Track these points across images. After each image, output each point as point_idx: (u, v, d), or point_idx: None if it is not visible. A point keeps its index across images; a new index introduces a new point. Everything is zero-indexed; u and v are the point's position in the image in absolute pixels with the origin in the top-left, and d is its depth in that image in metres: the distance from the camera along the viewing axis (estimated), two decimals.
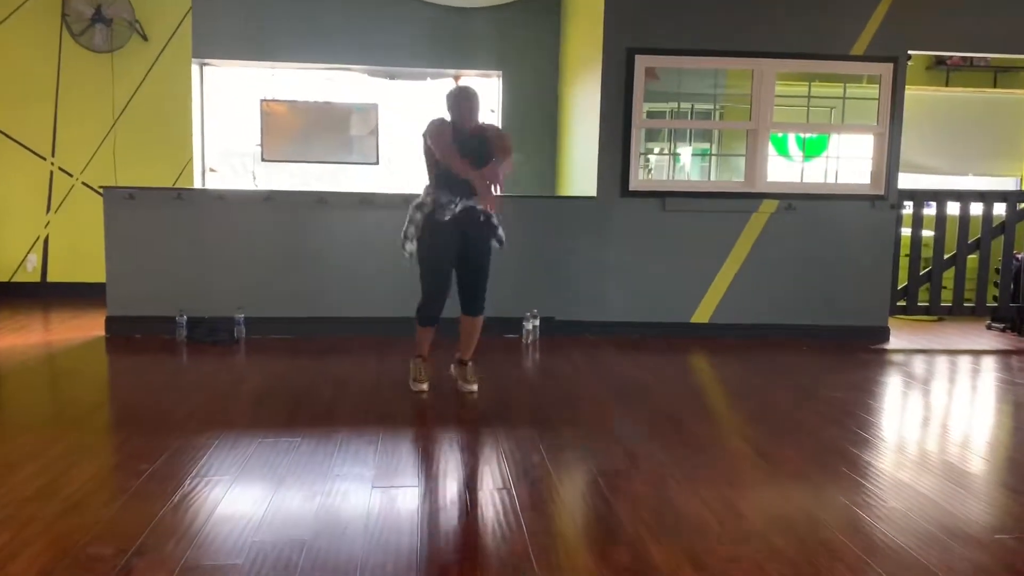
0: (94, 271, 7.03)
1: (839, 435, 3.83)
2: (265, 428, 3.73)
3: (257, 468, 3.20)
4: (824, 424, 4.01)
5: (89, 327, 5.96)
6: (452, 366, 4.49)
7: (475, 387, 4.35)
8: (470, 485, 3.13)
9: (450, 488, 3.09)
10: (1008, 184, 6.46)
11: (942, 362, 5.67)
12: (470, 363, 4.42)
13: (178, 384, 4.64)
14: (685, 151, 7.60)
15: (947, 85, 7.94)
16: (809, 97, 6.25)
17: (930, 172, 8.30)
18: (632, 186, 5.94)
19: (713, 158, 7.13)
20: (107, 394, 4.59)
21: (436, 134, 4.06)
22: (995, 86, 7.95)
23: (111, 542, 2.52)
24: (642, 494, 3.02)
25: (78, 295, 7.07)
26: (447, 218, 4.07)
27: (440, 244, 4.13)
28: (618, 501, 2.95)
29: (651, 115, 6.70)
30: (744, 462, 3.46)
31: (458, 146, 4.04)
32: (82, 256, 7.16)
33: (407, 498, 2.94)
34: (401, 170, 7.82)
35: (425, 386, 4.35)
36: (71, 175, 7.26)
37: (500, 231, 4.25)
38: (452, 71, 7.63)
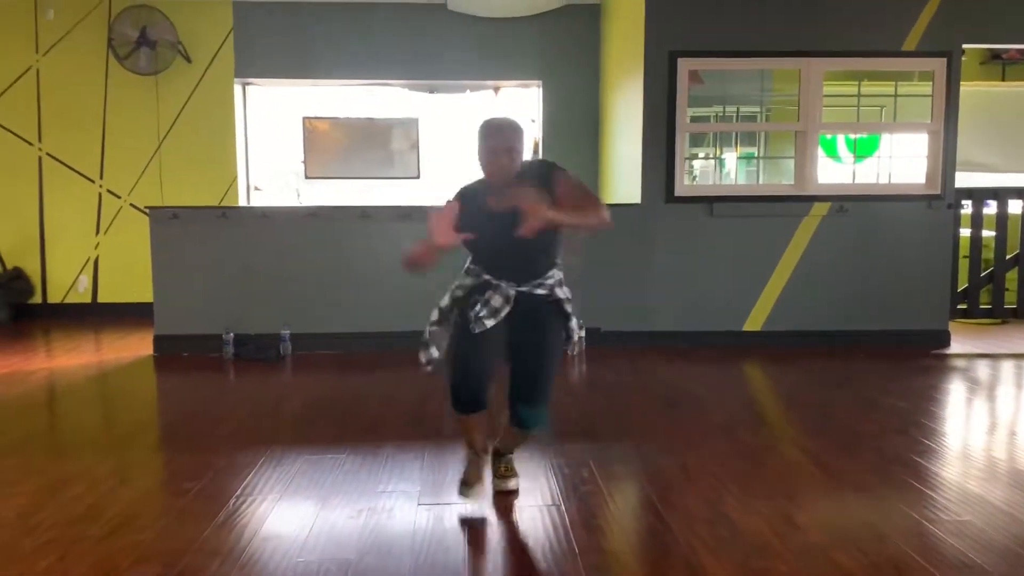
0: (142, 291, 7.14)
1: (902, 445, 3.66)
2: (311, 445, 3.69)
3: (303, 486, 3.16)
4: (885, 433, 3.85)
5: (138, 347, 6.01)
6: (491, 458, 3.21)
7: (515, 484, 3.08)
8: (519, 501, 3.03)
9: (499, 504, 3.01)
10: None
11: (1007, 366, 5.44)
12: (510, 456, 3.17)
13: (225, 402, 4.63)
14: (730, 156, 7.45)
15: (1003, 79, 7.68)
16: (859, 96, 6.06)
17: (988, 170, 8.03)
18: (678, 191, 5.82)
19: (760, 162, 6.97)
20: (155, 413, 4.60)
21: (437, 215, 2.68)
22: None
23: (156, 562, 2.49)
24: (696, 508, 2.91)
25: (127, 315, 7.17)
26: (489, 314, 2.85)
27: (468, 330, 2.88)
28: (672, 516, 2.84)
29: (695, 120, 6.58)
30: (802, 474, 3.32)
31: (483, 216, 2.79)
32: (131, 276, 7.25)
33: (453, 515, 2.86)
34: (441, 183, 7.79)
35: (475, 491, 2.97)
36: (119, 197, 7.36)
37: (573, 321, 2.97)
38: (492, 82, 7.59)
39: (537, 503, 2.99)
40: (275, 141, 7.82)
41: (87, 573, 2.42)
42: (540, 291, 2.89)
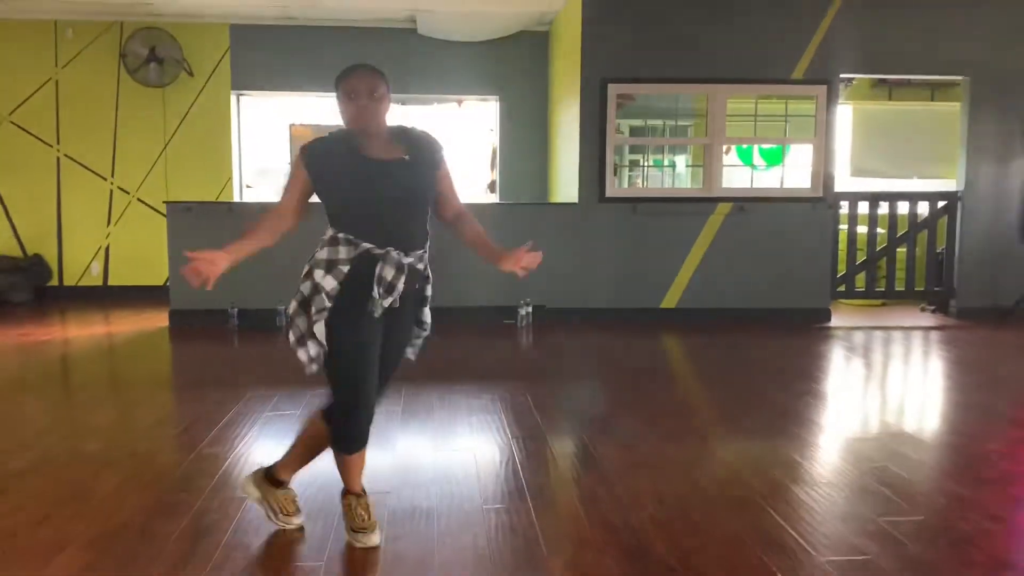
0: (149, 275, 8.25)
1: (786, 396, 4.92)
2: (314, 385, 4.83)
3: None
4: (771, 386, 5.11)
5: (152, 321, 7.09)
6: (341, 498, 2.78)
7: (376, 538, 2.67)
8: (474, 417, 4.22)
9: (458, 434, 4.19)
10: (948, 185, 7.47)
11: (875, 335, 6.73)
12: (364, 497, 2.74)
13: (237, 359, 5.77)
14: (657, 163, 8.71)
15: (890, 99, 9.03)
16: (756, 115, 7.34)
17: (880, 176, 9.38)
18: (608, 194, 7.05)
19: (688, 169, 8.22)
20: (182, 365, 5.73)
21: (291, 175, 2.68)
22: (932, 100, 9.03)
23: (217, 447, 3.65)
24: (608, 434, 4.13)
25: (134, 296, 8.22)
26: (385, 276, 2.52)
27: (360, 323, 2.55)
28: (587, 434, 4.06)
29: (634, 130, 7.84)
30: (700, 415, 4.56)
31: (352, 171, 2.57)
32: (138, 261, 8.32)
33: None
34: None
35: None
36: (128, 192, 8.42)
37: (427, 311, 2.75)
38: (455, 96, 8.78)
39: (487, 423, 4.19)
40: (265, 144, 8.92)
41: (172, 456, 3.58)
42: (420, 265, 2.64)
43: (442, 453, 2.88)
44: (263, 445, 3.73)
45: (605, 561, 2.60)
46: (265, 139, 8.92)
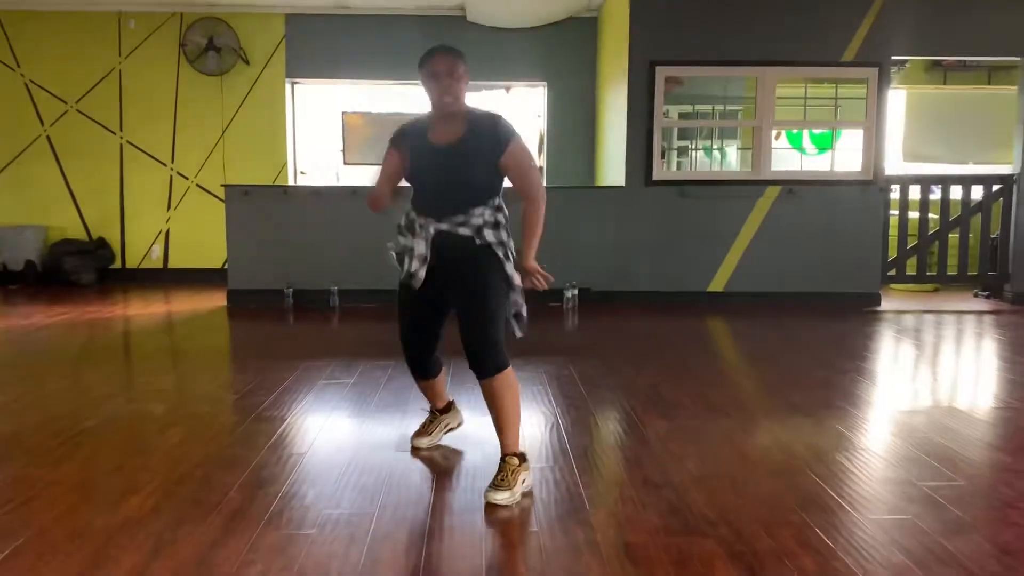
0: (207, 258, 8.51)
1: (828, 373, 4.94)
2: (367, 358, 4.99)
3: (368, 378, 4.47)
4: (814, 366, 5.12)
5: (209, 301, 7.33)
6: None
7: (502, 496, 2.74)
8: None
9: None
10: (1003, 171, 7.33)
11: (927, 319, 6.67)
12: (507, 458, 2.85)
13: (293, 335, 5.96)
14: (707, 148, 8.70)
15: (945, 83, 8.89)
16: (805, 97, 7.30)
17: (934, 161, 9.23)
18: (655, 176, 7.09)
19: (738, 152, 8.19)
20: (239, 339, 5.93)
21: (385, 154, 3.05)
22: (989, 83, 8.86)
23: (275, 411, 3.81)
24: (656, 412, 4.20)
25: (193, 279, 8.50)
26: (414, 247, 2.90)
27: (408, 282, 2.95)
28: (634, 413, 4.13)
29: (683, 115, 7.85)
30: (751, 397, 4.60)
31: (417, 154, 2.91)
32: (196, 245, 8.60)
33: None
34: None
35: (417, 443, 3.31)
36: (187, 178, 8.69)
37: (509, 266, 2.88)
38: (504, 83, 8.87)
39: (532, 393, 4.29)
40: (318, 132, 9.12)
41: (228, 418, 3.75)
42: (464, 230, 2.84)
43: (486, 417, 2.98)
44: (319, 409, 3.88)
45: (646, 514, 2.68)
46: (318, 126, 9.12)
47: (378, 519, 2.64)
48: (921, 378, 4.83)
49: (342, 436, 3.55)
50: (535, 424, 3.65)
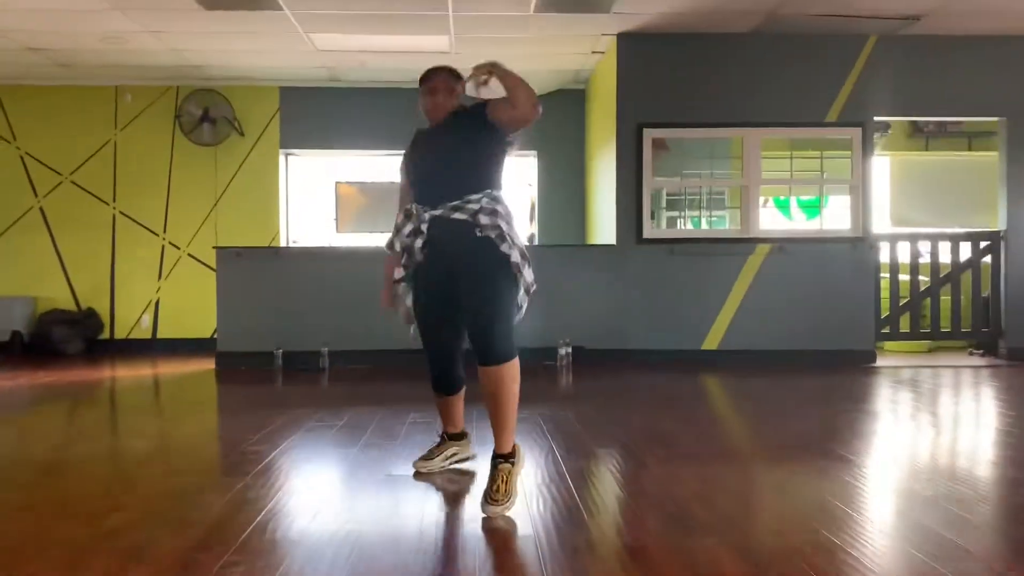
0: (197, 328, 8.45)
1: (821, 432, 4.86)
2: (356, 406, 4.89)
3: (357, 421, 4.36)
4: (815, 426, 5.04)
5: (200, 365, 7.22)
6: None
7: (499, 509, 2.64)
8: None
9: None
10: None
11: (924, 373, 6.60)
12: (501, 464, 2.77)
13: (282, 393, 5.86)
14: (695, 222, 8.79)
15: (927, 149, 9.07)
16: (791, 159, 7.44)
17: (921, 225, 9.30)
18: (645, 235, 7.13)
19: (727, 211, 8.24)
20: (228, 395, 5.82)
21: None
22: (970, 149, 9.05)
23: (262, 445, 3.70)
24: (649, 463, 4.11)
25: (183, 349, 8.40)
26: (413, 242, 2.90)
27: (418, 283, 3.00)
28: (624, 458, 4.04)
29: (670, 193, 7.99)
30: (747, 453, 4.51)
31: (414, 151, 3.07)
32: (187, 315, 8.54)
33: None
34: None
35: (419, 466, 3.19)
36: (179, 248, 8.70)
37: (515, 255, 2.81)
38: None
39: (528, 430, 4.19)
40: (312, 202, 9.20)
41: (209, 447, 3.63)
42: (459, 215, 2.81)
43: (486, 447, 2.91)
44: (306, 445, 3.77)
45: (647, 522, 2.57)
46: (312, 196, 9.20)
47: (363, 534, 2.53)
48: (923, 428, 4.75)
49: (330, 463, 3.44)
50: (532, 453, 3.54)
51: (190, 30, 6.95)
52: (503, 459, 2.77)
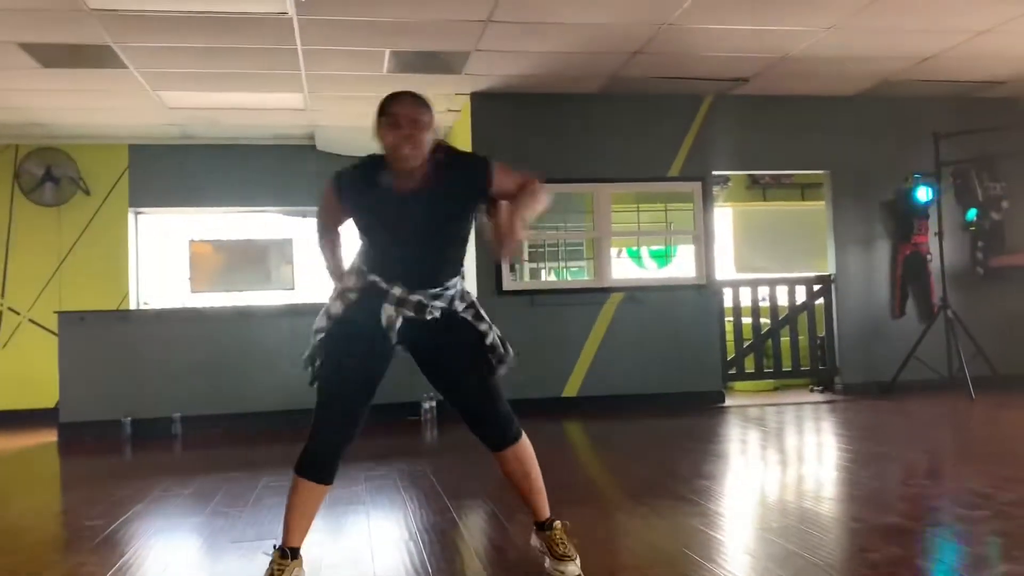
0: (38, 397, 7.93)
1: (685, 473, 5.05)
2: (206, 473, 4.74)
3: (206, 488, 4.23)
4: (671, 466, 5.24)
5: (40, 438, 6.78)
6: (533, 536, 2.80)
7: (574, 568, 2.59)
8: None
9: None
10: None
11: (769, 411, 6.97)
12: (556, 524, 2.71)
13: (129, 464, 5.60)
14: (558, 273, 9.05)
15: (764, 199, 9.72)
16: (638, 212, 7.82)
17: (763, 271, 9.91)
18: (505, 287, 7.29)
19: (584, 263, 8.52)
20: (70, 469, 5.51)
21: (323, 198, 2.67)
22: (803, 199, 9.75)
23: (101, 519, 3.54)
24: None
25: (24, 421, 7.85)
26: (384, 315, 2.53)
27: (350, 343, 2.55)
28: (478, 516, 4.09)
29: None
30: (606, 498, 4.64)
31: (375, 205, 2.53)
32: (27, 384, 8.03)
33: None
34: (314, 292, 9.00)
35: None
36: (19, 313, 8.23)
37: (493, 335, 2.72)
38: None
39: (382, 487, 4.18)
40: (164, 261, 8.90)
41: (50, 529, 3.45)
42: (438, 303, 2.55)
43: (337, 507, 2.88)
44: (149, 516, 3.63)
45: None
46: (164, 255, 8.91)
47: None
48: (770, 464, 5.03)
49: (174, 533, 3.34)
50: (385, 511, 3.54)
51: (30, 87, 6.69)
52: (551, 520, 2.70)
